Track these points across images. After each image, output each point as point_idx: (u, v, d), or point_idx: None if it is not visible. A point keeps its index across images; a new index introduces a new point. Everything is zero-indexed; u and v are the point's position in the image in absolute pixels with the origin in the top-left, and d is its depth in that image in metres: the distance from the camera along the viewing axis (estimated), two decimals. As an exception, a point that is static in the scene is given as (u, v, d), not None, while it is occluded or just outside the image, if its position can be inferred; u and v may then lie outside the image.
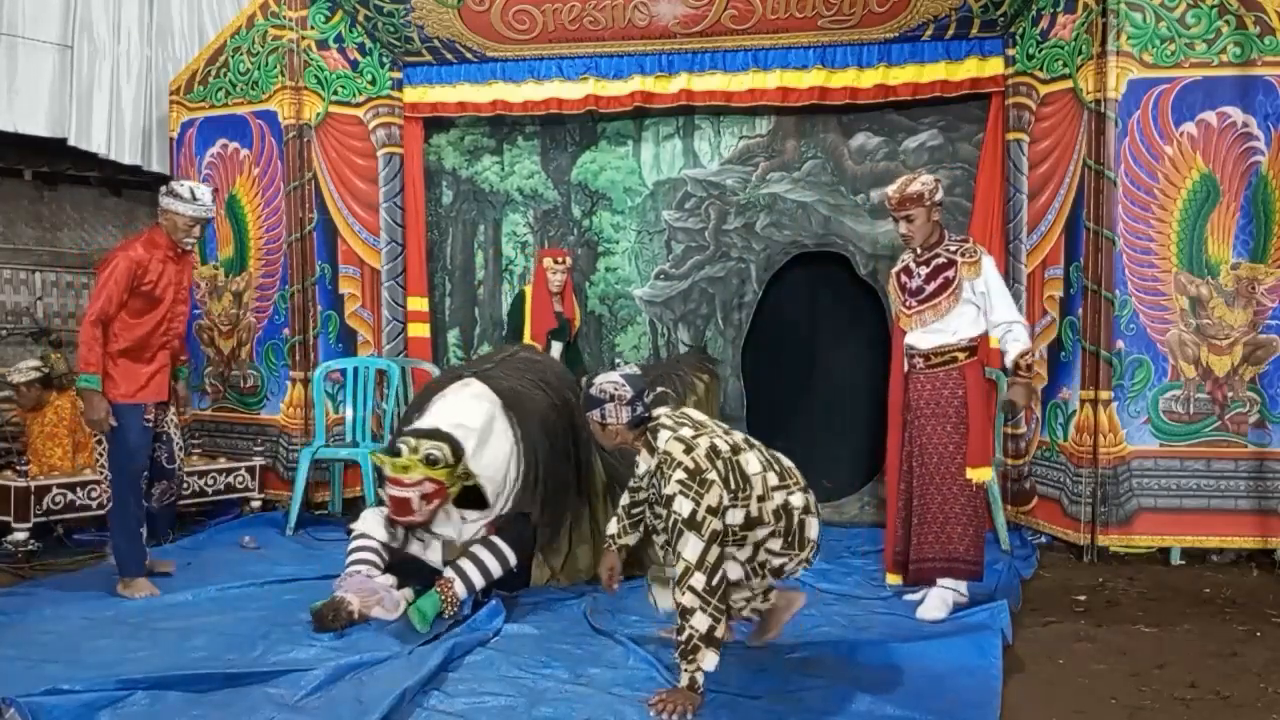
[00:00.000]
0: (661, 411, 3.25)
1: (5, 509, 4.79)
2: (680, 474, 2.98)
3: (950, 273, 3.85)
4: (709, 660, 2.88)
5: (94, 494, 5.01)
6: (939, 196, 3.89)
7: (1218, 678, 3.25)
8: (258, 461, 5.77)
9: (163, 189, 4.20)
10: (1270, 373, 4.75)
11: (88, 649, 3.44)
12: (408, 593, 3.83)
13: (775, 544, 3.19)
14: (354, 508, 5.50)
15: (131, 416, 4.08)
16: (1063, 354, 5.09)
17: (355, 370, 5.87)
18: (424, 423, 3.89)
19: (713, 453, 3.07)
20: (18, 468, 4.93)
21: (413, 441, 3.68)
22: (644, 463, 3.22)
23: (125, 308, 4.04)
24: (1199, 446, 4.79)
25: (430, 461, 3.63)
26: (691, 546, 2.92)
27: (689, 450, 3.04)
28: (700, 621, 2.88)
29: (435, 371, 6.00)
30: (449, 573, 3.79)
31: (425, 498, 3.69)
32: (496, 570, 3.86)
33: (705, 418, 3.30)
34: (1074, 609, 4.10)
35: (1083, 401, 4.91)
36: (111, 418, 3.99)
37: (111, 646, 3.47)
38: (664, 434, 3.11)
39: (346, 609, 3.65)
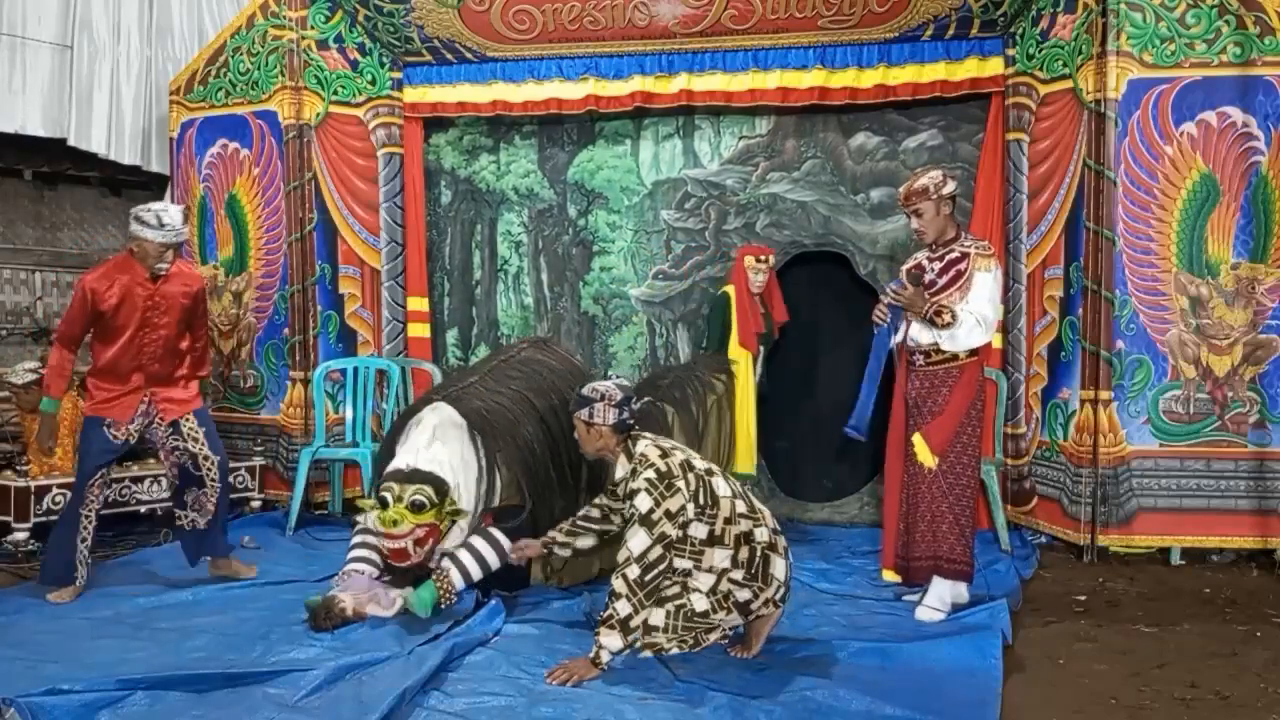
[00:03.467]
0: (644, 432, 3.43)
1: (5, 509, 4.80)
2: (650, 473, 3.19)
3: (963, 265, 3.84)
4: (615, 642, 3.12)
5: (94, 494, 5.02)
6: (948, 190, 3.87)
7: (1218, 678, 3.25)
8: (258, 461, 5.77)
9: (132, 213, 4.13)
10: (1270, 373, 4.75)
11: (88, 649, 3.44)
12: (406, 591, 3.84)
13: (737, 575, 3.27)
14: (354, 507, 5.50)
15: (92, 428, 4.17)
16: (1063, 354, 5.09)
17: (355, 370, 5.87)
18: (404, 460, 3.87)
19: (686, 466, 3.26)
20: (18, 468, 4.93)
21: (396, 489, 3.72)
22: (620, 469, 3.35)
23: (95, 333, 4.14)
24: (1199, 446, 4.79)
25: (416, 508, 3.69)
26: (638, 540, 3.14)
27: (664, 456, 3.25)
28: (622, 607, 3.13)
29: (435, 371, 6.02)
30: (445, 563, 3.80)
31: (418, 542, 3.74)
32: (494, 561, 3.87)
33: (683, 445, 3.49)
34: (1074, 609, 4.11)
35: (1083, 401, 4.91)
36: (53, 441, 4.31)
37: (111, 646, 3.46)
38: (643, 442, 3.32)
39: (339, 607, 3.66)
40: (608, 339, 6.21)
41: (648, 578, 3.14)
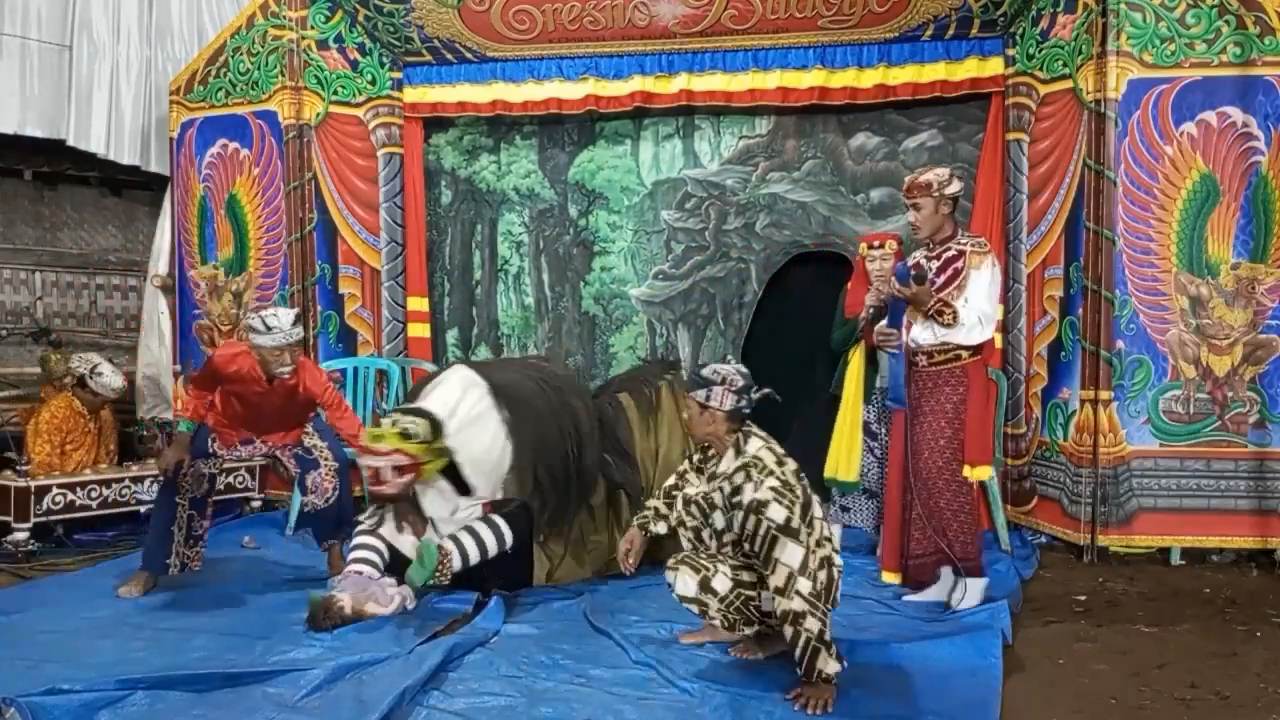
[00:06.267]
0: (756, 428, 3.26)
1: (5, 509, 4.80)
2: (774, 481, 3.00)
3: (960, 263, 3.84)
4: (830, 664, 2.93)
5: (94, 494, 5.03)
6: (950, 190, 3.86)
7: (1218, 678, 3.25)
8: (258, 461, 5.76)
9: (245, 320, 4.18)
10: (1270, 373, 4.75)
11: (88, 649, 3.44)
12: (405, 589, 3.84)
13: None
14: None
15: (199, 430, 4.21)
16: (1063, 354, 5.09)
17: (355, 370, 5.87)
18: (418, 405, 3.96)
19: (797, 475, 3.10)
20: (18, 468, 4.93)
21: (394, 415, 3.75)
22: (726, 461, 3.19)
23: (223, 390, 4.20)
24: (1199, 446, 4.79)
25: (405, 435, 3.66)
26: (791, 552, 2.93)
27: (781, 464, 3.08)
28: (812, 625, 2.91)
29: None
30: (447, 544, 3.81)
31: (398, 469, 3.69)
32: (493, 547, 3.89)
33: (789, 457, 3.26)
34: (1074, 609, 4.10)
35: (1083, 401, 4.91)
36: (178, 461, 4.14)
37: (111, 646, 3.47)
38: (756, 441, 3.15)
39: (338, 607, 3.66)
40: (608, 339, 6.20)
41: (818, 586, 2.94)
